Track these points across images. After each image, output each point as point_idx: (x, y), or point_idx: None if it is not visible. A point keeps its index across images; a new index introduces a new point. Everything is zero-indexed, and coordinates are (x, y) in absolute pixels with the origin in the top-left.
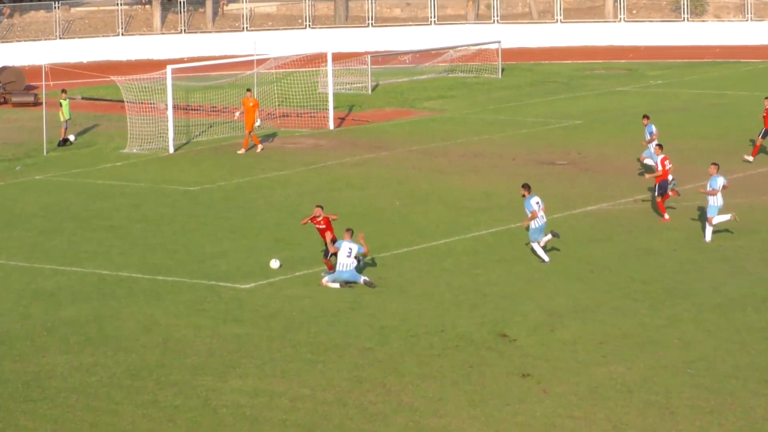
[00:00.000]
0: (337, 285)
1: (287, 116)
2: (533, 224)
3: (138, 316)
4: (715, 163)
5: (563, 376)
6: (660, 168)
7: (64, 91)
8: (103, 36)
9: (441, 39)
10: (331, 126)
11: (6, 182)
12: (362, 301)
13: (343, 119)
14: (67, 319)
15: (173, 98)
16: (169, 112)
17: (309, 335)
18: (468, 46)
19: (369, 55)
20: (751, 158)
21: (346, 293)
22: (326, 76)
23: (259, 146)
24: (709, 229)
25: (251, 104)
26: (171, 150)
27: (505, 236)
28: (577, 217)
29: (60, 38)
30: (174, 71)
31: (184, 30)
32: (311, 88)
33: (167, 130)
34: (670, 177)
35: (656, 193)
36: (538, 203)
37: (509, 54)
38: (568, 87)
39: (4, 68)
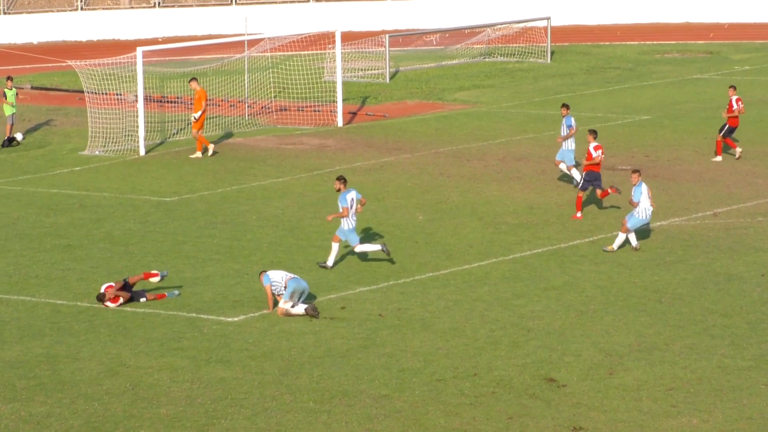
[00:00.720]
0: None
1: (285, 110)
2: (343, 224)
3: (101, 355)
4: (636, 171)
5: (624, 430)
6: (594, 156)
7: (9, 78)
8: (58, 11)
9: (476, 15)
10: (340, 122)
11: None
12: (377, 338)
13: (354, 114)
14: (13, 359)
15: (145, 88)
16: (140, 105)
17: (311, 380)
18: (510, 23)
19: (387, 35)
20: (719, 158)
21: (357, 328)
22: (334, 60)
23: (205, 151)
24: (630, 237)
25: (197, 97)
26: (142, 152)
27: (553, 259)
28: (643, 234)
29: (4, 13)
30: (146, 54)
31: (158, 3)
32: (315, 76)
33: (137, 127)
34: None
35: (579, 185)
36: (353, 200)
37: (561, 33)
38: (633, 74)
39: None
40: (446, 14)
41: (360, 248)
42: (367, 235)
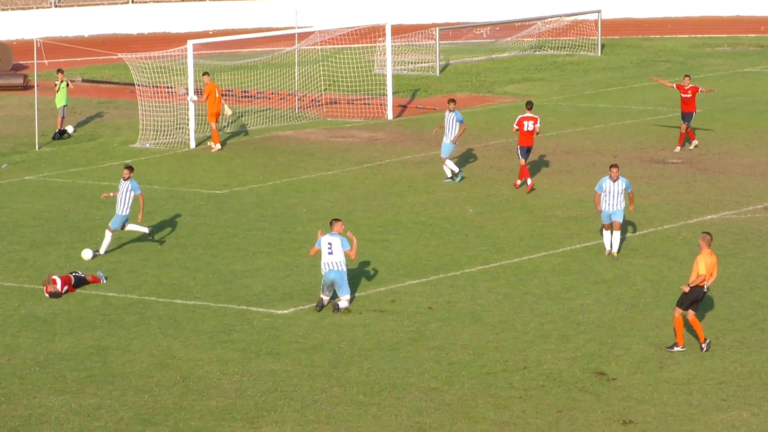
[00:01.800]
0: (324, 296)
1: (336, 103)
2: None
3: (151, 348)
4: (615, 165)
5: (674, 424)
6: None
7: (60, 71)
8: (109, 4)
9: (526, 8)
10: (390, 115)
11: None
12: (427, 331)
13: (404, 107)
14: (63, 351)
15: (195, 81)
16: (191, 98)
17: (361, 372)
18: (560, 16)
19: (437, 28)
20: (678, 148)
21: (406, 321)
22: (384, 53)
23: (216, 146)
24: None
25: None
26: (192, 145)
27: (603, 252)
28: (693, 228)
29: (56, 6)
30: (196, 47)
31: None
32: (365, 69)
33: (188, 120)
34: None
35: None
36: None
37: (611, 26)
38: (683, 67)
39: None
40: (497, 7)
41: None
42: (415, 229)
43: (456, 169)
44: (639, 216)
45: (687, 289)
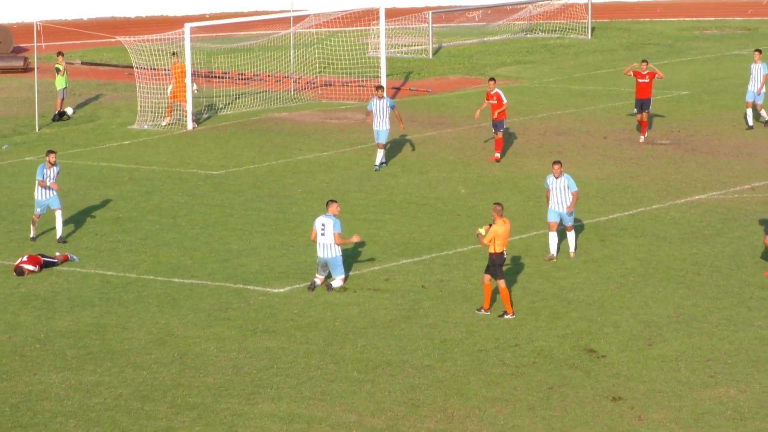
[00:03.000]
0: (318, 276)
1: (330, 85)
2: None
3: (149, 325)
4: (557, 162)
5: (662, 400)
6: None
7: (60, 54)
8: None
9: None
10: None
11: None
12: (420, 309)
13: (398, 89)
14: (63, 329)
15: (192, 63)
16: (188, 80)
17: (355, 350)
18: (551, 0)
19: (430, 11)
20: (643, 137)
21: (400, 299)
22: (378, 36)
23: (168, 119)
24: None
25: (179, 71)
26: (189, 126)
27: (592, 231)
28: (681, 208)
29: None
30: (193, 30)
31: None
32: (359, 52)
33: (185, 102)
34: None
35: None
36: None
37: (601, 10)
38: (672, 50)
39: None
40: None
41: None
42: (409, 209)
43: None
44: (628, 196)
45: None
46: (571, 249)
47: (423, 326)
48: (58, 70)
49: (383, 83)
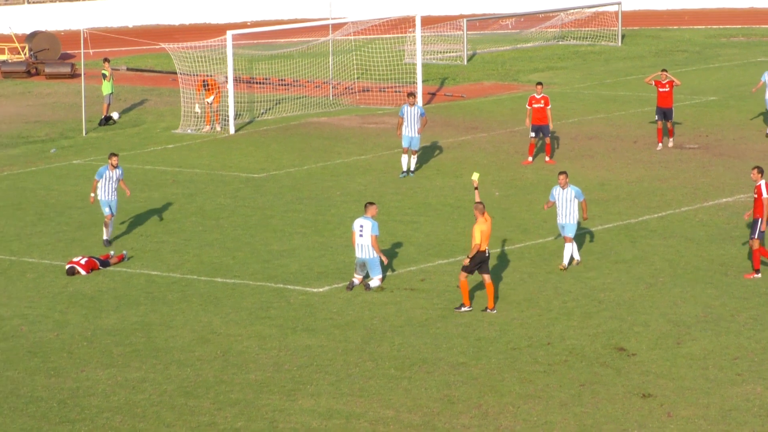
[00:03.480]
0: (357, 276)
1: (368, 91)
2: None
3: (193, 324)
4: (563, 172)
5: (691, 397)
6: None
7: (106, 60)
8: None
9: (550, 0)
10: (420, 102)
11: (39, 167)
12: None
13: (433, 95)
14: (110, 327)
15: (234, 69)
16: (230, 86)
17: (392, 348)
18: (582, 8)
19: (465, 19)
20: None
21: (436, 299)
22: (414, 43)
23: (208, 127)
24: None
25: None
26: (231, 131)
27: (623, 233)
28: (710, 210)
29: None
30: (235, 37)
31: None
32: (396, 58)
33: (227, 107)
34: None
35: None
36: None
37: (631, 18)
38: (700, 57)
39: (36, 34)
40: (522, 0)
41: None
42: (444, 211)
43: (411, 168)
44: (658, 198)
45: (467, 262)
46: (565, 261)
47: (458, 325)
48: (104, 75)
49: (419, 89)
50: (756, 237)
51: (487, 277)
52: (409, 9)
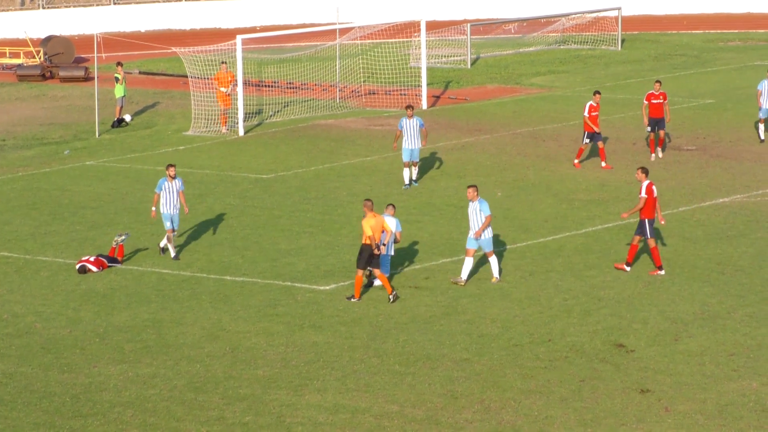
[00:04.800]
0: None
1: (374, 94)
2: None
3: (203, 321)
4: (473, 186)
5: (688, 393)
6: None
7: (119, 64)
8: (165, 1)
9: (552, 5)
10: (425, 105)
11: (53, 168)
12: (458, 306)
13: (438, 97)
14: (121, 324)
15: (244, 73)
16: (239, 89)
17: (397, 344)
18: (583, 13)
19: (468, 24)
20: (653, 155)
21: (439, 297)
22: (419, 47)
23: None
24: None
25: (229, 78)
26: (241, 132)
27: (622, 232)
28: (707, 210)
29: (114, 3)
30: (245, 42)
31: None
32: (402, 62)
33: (236, 109)
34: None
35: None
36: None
37: (631, 23)
38: (698, 61)
39: (51, 38)
40: (524, 4)
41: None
42: (448, 211)
43: (413, 178)
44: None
45: (378, 251)
46: (495, 273)
47: (461, 322)
48: (117, 79)
49: (424, 92)
50: (651, 236)
51: (377, 272)
52: (415, 14)
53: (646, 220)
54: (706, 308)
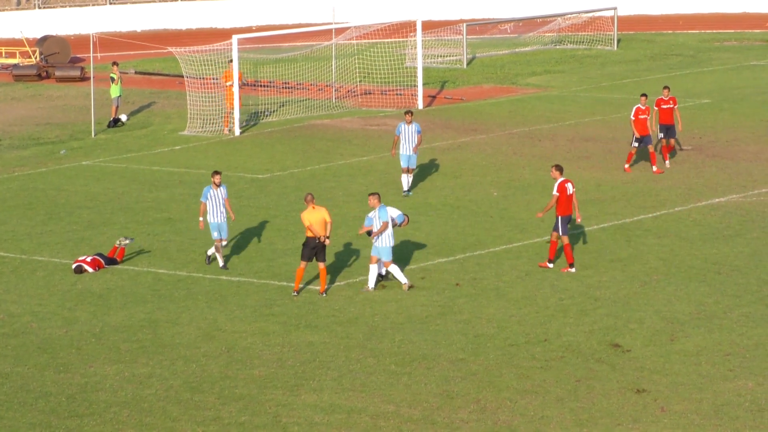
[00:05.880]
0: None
1: (370, 93)
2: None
3: (198, 321)
4: (374, 194)
5: (684, 393)
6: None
7: (115, 64)
8: (160, 1)
9: (547, 5)
10: (420, 105)
11: (49, 168)
12: (454, 305)
13: (433, 97)
14: (117, 324)
15: (239, 73)
16: (235, 89)
17: (393, 344)
18: (579, 13)
19: (464, 24)
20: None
21: (435, 297)
22: (415, 47)
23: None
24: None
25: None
26: (237, 132)
27: (619, 232)
28: (703, 210)
29: (110, 3)
30: (241, 41)
31: None
32: (398, 62)
33: (231, 109)
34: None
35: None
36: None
37: (626, 22)
38: (694, 60)
39: (47, 38)
40: (520, 4)
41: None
42: (444, 211)
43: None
44: (652, 199)
45: (326, 241)
46: (402, 279)
47: (457, 322)
48: (112, 79)
49: (419, 92)
50: (564, 234)
51: (321, 264)
52: (410, 14)
53: (560, 218)
54: (702, 308)
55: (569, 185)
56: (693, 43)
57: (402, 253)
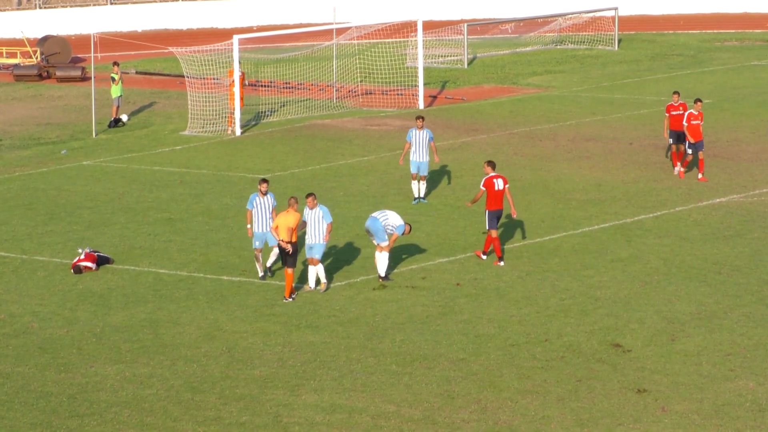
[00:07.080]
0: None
1: (371, 93)
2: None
3: (199, 321)
4: (311, 194)
5: (685, 393)
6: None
7: (115, 64)
8: (161, 1)
9: (548, 5)
10: (421, 105)
11: (50, 168)
12: (455, 305)
13: (434, 97)
14: (118, 324)
15: (241, 73)
16: (236, 89)
17: (394, 344)
18: (579, 13)
19: (465, 24)
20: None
21: (436, 296)
22: (416, 47)
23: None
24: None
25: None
26: (238, 132)
27: (619, 232)
28: (704, 210)
29: (111, 3)
30: (242, 42)
31: None
32: (398, 62)
33: (232, 108)
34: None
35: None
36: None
37: (627, 22)
38: (695, 61)
39: (47, 38)
40: (521, 4)
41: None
42: (444, 210)
43: (421, 194)
44: (653, 199)
45: (285, 246)
46: (311, 284)
47: (458, 322)
48: (113, 79)
49: (420, 92)
50: (492, 228)
51: (287, 270)
52: (411, 14)
53: (488, 212)
54: (703, 308)
55: (499, 181)
56: (694, 43)
57: (403, 253)
